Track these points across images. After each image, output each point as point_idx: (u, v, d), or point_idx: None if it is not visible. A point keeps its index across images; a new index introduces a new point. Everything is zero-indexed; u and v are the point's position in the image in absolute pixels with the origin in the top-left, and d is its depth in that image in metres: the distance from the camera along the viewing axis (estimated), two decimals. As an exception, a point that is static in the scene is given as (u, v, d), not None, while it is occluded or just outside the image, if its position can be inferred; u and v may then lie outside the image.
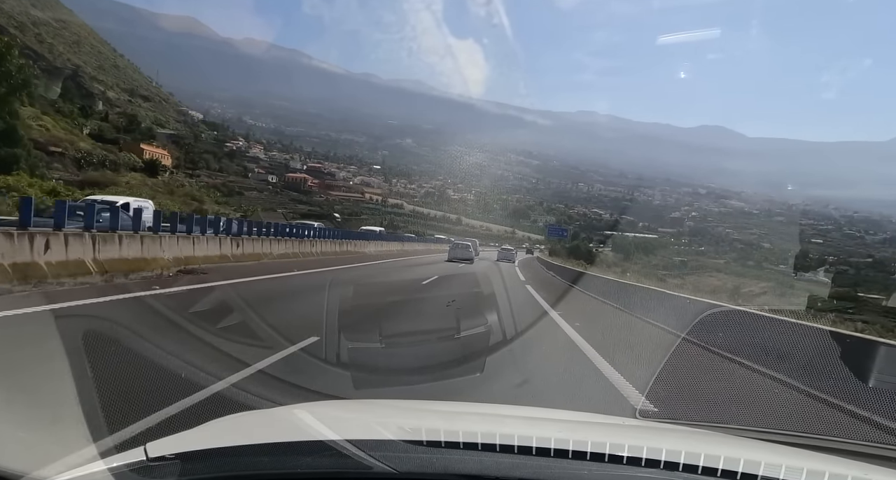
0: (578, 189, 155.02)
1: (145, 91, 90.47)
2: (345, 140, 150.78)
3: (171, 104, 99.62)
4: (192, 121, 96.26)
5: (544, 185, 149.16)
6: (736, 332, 8.08)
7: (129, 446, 1.38)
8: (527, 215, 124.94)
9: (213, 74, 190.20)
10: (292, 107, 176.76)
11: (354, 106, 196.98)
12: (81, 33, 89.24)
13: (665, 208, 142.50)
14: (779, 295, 53.13)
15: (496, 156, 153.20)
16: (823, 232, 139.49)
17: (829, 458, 1.73)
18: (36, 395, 3.67)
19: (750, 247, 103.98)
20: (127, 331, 5.81)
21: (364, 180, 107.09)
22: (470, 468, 1.23)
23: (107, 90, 74.78)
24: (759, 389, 6.40)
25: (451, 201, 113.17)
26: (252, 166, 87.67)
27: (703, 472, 1.24)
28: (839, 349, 6.09)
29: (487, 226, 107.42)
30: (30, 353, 4.85)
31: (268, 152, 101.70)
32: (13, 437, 2.71)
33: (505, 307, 9.54)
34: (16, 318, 6.30)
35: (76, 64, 72.84)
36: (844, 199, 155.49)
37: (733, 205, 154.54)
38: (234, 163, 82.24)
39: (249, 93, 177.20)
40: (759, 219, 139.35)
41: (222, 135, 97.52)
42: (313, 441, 1.34)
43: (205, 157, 76.45)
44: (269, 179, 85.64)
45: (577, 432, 1.80)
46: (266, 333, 6.56)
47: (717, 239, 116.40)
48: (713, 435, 2.21)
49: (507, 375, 5.67)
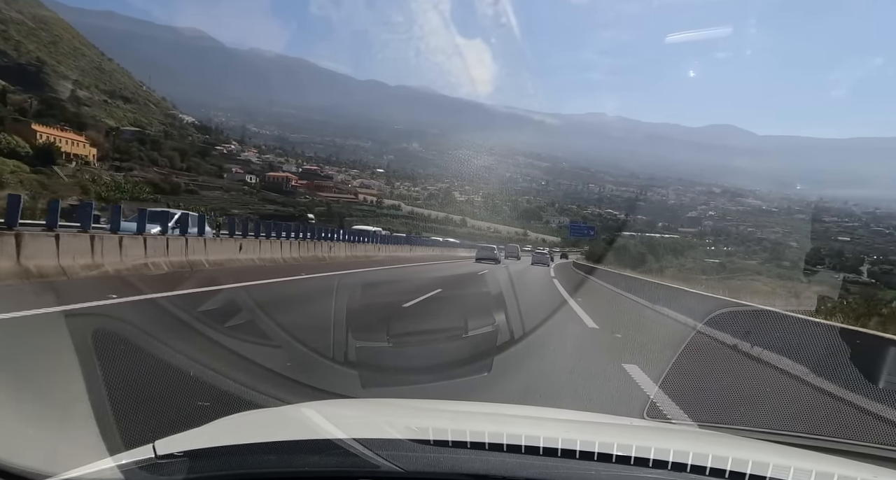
0: (589, 190, 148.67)
1: (130, 94, 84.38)
2: (350, 145, 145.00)
3: (162, 108, 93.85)
4: (181, 124, 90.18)
5: (554, 187, 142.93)
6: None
7: (137, 443, 1.34)
8: (538, 216, 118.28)
9: (218, 84, 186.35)
10: (298, 114, 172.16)
11: (362, 111, 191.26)
12: (64, 36, 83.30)
13: (681, 208, 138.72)
14: (839, 303, 42.86)
15: (504, 158, 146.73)
16: (850, 229, 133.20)
17: (839, 460, 1.65)
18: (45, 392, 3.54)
19: (778, 247, 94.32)
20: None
21: (364, 183, 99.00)
22: (477, 467, 1.19)
23: (78, 89, 67.82)
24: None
25: (457, 203, 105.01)
26: (231, 166, 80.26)
27: (710, 473, 1.20)
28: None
29: (496, 228, 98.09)
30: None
31: (262, 155, 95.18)
32: (23, 435, 2.65)
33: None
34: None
35: (43, 61, 65.38)
36: (860, 197, 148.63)
37: (750, 204, 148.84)
38: (206, 162, 74.00)
39: (255, 102, 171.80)
40: (779, 216, 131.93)
41: (214, 139, 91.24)
42: (321, 440, 1.31)
43: (169, 155, 68.69)
44: (248, 179, 77.76)
45: (585, 432, 1.75)
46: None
47: (742, 238, 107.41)
48: (721, 436, 2.16)
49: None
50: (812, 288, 48.21)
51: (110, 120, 68.08)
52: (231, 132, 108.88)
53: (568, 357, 6.89)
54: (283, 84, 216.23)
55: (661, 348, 7.61)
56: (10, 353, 4.62)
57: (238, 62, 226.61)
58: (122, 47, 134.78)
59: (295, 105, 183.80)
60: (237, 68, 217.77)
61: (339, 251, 22.58)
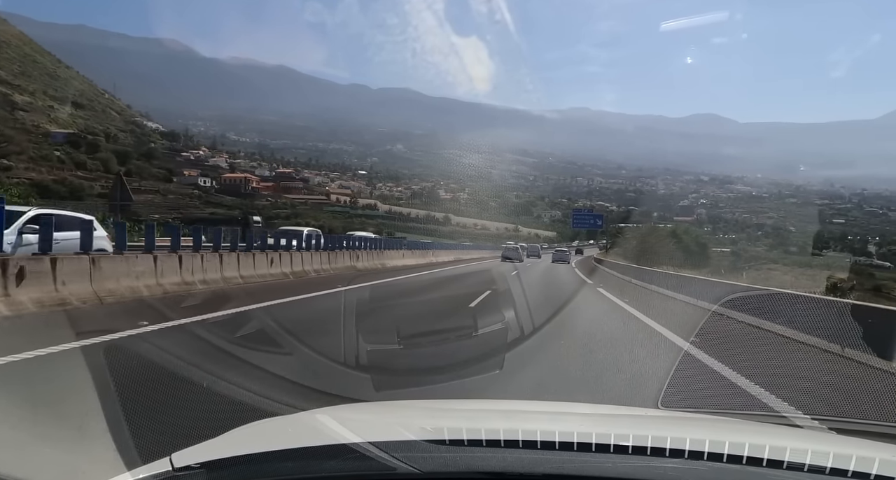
0: (578, 183, 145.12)
1: (86, 100, 77.32)
2: (333, 149, 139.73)
3: (126, 115, 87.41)
4: (144, 131, 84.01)
5: (543, 182, 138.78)
6: None
7: (154, 457, 1.31)
8: (528, 211, 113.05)
9: (198, 94, 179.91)
10: (280, 120, 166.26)
11: (345, 116, 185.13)
12: (13, 42, 76.73)
13: (672, 197, 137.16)
14: (873, 288, 38.37)
15: (490, 155, 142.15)
16: (843, 211, 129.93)
17: (858, 441, 1.63)
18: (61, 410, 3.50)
19: (781, 232, 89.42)
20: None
21: (342, 184, 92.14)
22: (494, 465, 1.17)
23: (16, 93, 60.90)
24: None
25: (441, 201, 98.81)
26: (186, 170, 73.05)
27: (728, 460, 1.17)
28: None
29: (483, 224, 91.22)
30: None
31: (234, 160, 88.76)
32: (40, 453, 2.64)
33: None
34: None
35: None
36: (844, 178, 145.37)
37: (740, 190, 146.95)
38: (152, 166, 66.69)
39: (236, 110, 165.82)
40: (771, 202, 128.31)
41: (183, 146, 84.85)
42: (336, 445, 1.29)
43: (103, 158, 61.06)
44: (202, 182, 70.43)
45: (600, 425, 1.73)
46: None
47: (740, 224, 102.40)
48: (737, 423, 2.12)
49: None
50: (838, 275, 42.70)
51: (52, 125, 61.40)
52: (205, 139, 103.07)
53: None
54: (265, 91, 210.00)
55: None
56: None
57: (218, 71, 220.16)
58: (91, 58, 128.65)
59: (276, 111, 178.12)
60: (217, 77, 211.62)
61: (261, 267, 14.80)
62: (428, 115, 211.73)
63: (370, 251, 23.31)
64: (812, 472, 1.14)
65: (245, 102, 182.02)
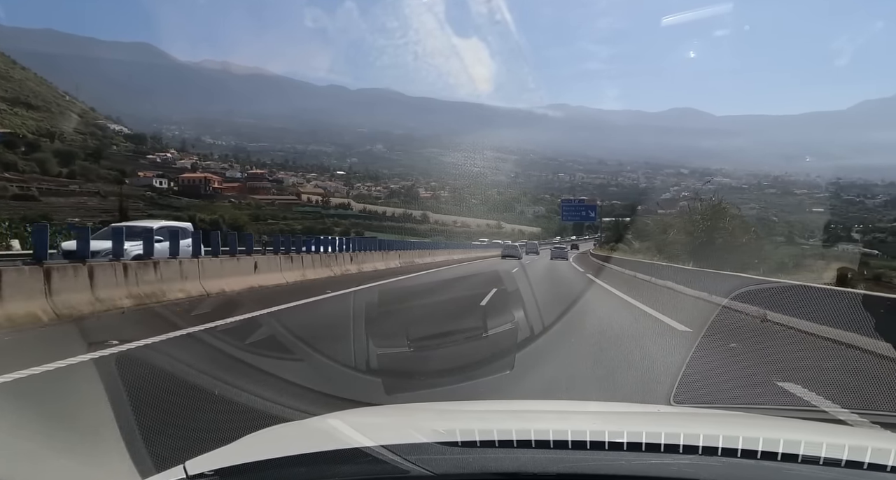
0: (560, 179, 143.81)
1: (41, 102, 72.69)
2: (312, 151, 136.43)
3: (89, 118, 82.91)
4: (105, 134, 79.69)
5: (524, 178, 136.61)
6: None
7: (168, 465, 1.30)
8: (511, 207, 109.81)
9: (172, 98, 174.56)
10: (257, 123, 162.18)
11: (324, 118, 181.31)
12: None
13: (653, 190, 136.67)
14: (873, 277, 35.32)
15: (471, 154, 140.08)
16: (821, 200, 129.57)
17: (872, 433, 1.66)
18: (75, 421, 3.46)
19: (763, 223, 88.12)
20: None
21: (318, 184, 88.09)
22: (507, 466, 1.15)
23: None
24: None
25: (421, 199, 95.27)
26: (140, 171, 68.69)
27: (742, 455, 1.15)
28: None
29: (463, 221, 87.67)
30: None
31: (203, 162, 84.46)
32: (55, 465, 2.60)
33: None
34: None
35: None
36: (821, 168, 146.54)
37: (720, 182, 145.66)
38: (100, 167, 62.28)
39: (212, 114, 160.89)
40: (751, 193, 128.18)
41: (150, 148, 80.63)
42: (349, 449, 1.27)
43: (40, 158, 56.60)
44: (157, 183, 66.28)
45: (612, 422, 1.73)
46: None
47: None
48: (751, 417, 2.10)
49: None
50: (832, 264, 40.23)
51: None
52: (176, 143, 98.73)
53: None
54: (241, 94, 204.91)
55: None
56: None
57: (192, 75, 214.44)
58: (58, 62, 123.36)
59: (253, 114, 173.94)
60: (192, 81, 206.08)
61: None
62: (409, 115, 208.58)
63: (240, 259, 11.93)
64: (827, 465, 1.12)
65: (221, 106, 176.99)
